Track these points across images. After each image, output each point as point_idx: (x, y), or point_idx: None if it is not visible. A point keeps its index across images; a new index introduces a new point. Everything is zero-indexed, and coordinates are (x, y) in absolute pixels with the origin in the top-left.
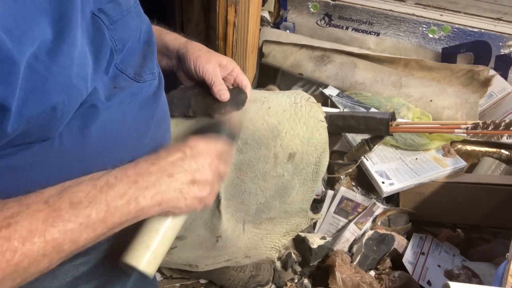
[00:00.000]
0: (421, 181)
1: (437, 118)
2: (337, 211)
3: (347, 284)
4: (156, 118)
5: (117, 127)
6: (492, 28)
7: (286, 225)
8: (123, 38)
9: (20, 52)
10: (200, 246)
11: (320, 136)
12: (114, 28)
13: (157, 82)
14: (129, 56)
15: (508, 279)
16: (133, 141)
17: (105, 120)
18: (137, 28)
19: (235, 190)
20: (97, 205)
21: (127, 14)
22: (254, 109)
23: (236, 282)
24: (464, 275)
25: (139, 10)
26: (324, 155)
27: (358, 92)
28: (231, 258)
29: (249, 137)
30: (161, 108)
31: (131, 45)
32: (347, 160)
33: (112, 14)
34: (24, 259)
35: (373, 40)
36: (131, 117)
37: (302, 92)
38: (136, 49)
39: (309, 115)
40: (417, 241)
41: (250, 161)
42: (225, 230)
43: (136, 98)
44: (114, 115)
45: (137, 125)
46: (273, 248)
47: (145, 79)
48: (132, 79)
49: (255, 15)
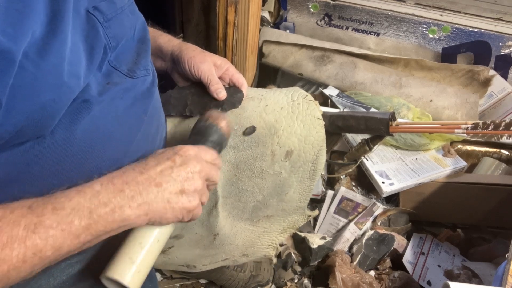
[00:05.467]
0: (421, 181)
1: (437, 118)
2: (337, 211)
3: (347, 284)
4: (149, 114)
5: (109, 122)
6: (492, 28)
7: (283, 223)
8: (117, 36)
9: (13, 50)
10: (197, 245)
11: (317, 134)
12: (109, 25)
13: (151, 79)
14: (123, 53)
15: (508, 279)
16: (125, 135)
17: (97, 114)
18: (131, 26)
19: (232, 188)
20: (80, 212)
21: (121, 12)
22: (252, 107)
23: (236, 282)
24: (464, 275)
25: (134, 8)
26: (321, 153)
27: (358, 92)
28: (228, 257)
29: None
30: (154, 105)
31: (125, 42)
32: (347, 160)
33: (107, 12)
34: (2, 264)
35: (373, 40)
36: (123, 112)
37: (299, 90)
38: (130, 47)
39: (306, 113)
40: (417, 241)
41: (247, 159)
42: (222, 227)
43: (129, 93)
44: (106, 109)
45: (129, 120)
46: (271, 246)
47: (138, 75)
48: (126, 75)
49: (255, 15)
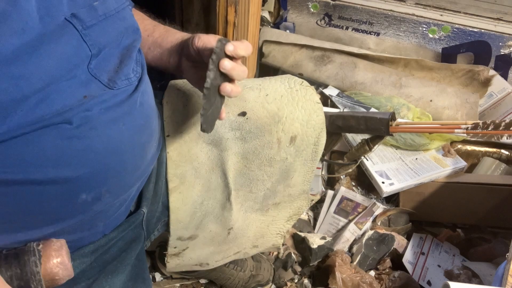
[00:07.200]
0: (421, 181)
1: (437, 118)
2: (337, 211)
3: (347, 284)
4: (132, 123)
5: (86, 135)
6: (492, 28)
7: (290, 209)
8: (99, 43)
9: None
10: (212, 242)
11: (317, 118)
12: (88, 33)
13: (133, 88)
14: (105, 60)
15: (508, 279)
16: (104, 147)
17: (76, 133)
18: (119, 33)
19: (243, 179)
20: None
21: (104, 19)
22: (253, 97)
23: (236, 281)
24: (464, 275)
25: (124, 14)
26: (322, 135)
27: (358, 92)
28: (240, 250)
29: (252, 126)
30: (142, 113)
31: (109, 50)
32: (347, 160)
33: (86, 19)
34: None
35: (373, 40)
36: (99, 124)
37: (293, 77)
38: (113, 54)
39: (305, 98)
40: (417, 241)
41: (255, 149)
42: (236, 221)
43: (105, 104)
44: (82, 126)
45: (105, 131)
46: (279, 234)
47: (119, 86)
48: (106, 86)
49: (255, 15)
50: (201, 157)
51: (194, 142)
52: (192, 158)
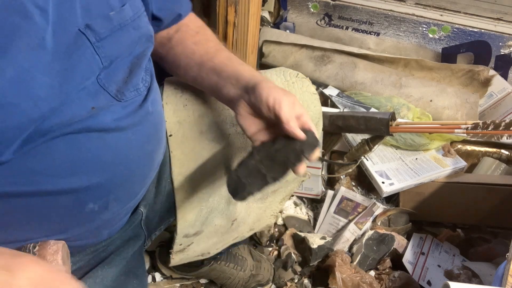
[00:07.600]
0: (421, 181)
1: (437, 118)
2: (337, 211)
3: (347, 284)
4: (141, 132)
5: (93, 145)
6: (492, 28)
7: (284, 193)
8: (111, 55)
9: None
10: (216, 234)
11: (315, 108)
12: (101, 45)
13: (142, 98)
14: (115, 70)
15: (508, 279)
16: (112, 157)
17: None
18: (132, 42)
19: None
20: None
21: (118, 30)
22: None
23: (236, 281)
24: (464, 275)
25: (139, 23)
26: (319, 124)
27: (358, 92)
28: (238, 235)
29: None
30: (152, 122)
31: (120, 60)
32: (347, 160)
33: (100, 30)
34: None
35: (373, 40)
36: (107, 134)
37: (287, 69)
38: (124, 63)
39: (302, 90)
40: (417, 241)
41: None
42: (240, 212)
43: (114, 115)
44: (91, 136)
45: (114, 141)
46: (272, 216)
47: (127, 97)
48: (114, 97)
49: (255, 15)
50: (205, 155)
51: (197, 140)
52: (196, 156)
